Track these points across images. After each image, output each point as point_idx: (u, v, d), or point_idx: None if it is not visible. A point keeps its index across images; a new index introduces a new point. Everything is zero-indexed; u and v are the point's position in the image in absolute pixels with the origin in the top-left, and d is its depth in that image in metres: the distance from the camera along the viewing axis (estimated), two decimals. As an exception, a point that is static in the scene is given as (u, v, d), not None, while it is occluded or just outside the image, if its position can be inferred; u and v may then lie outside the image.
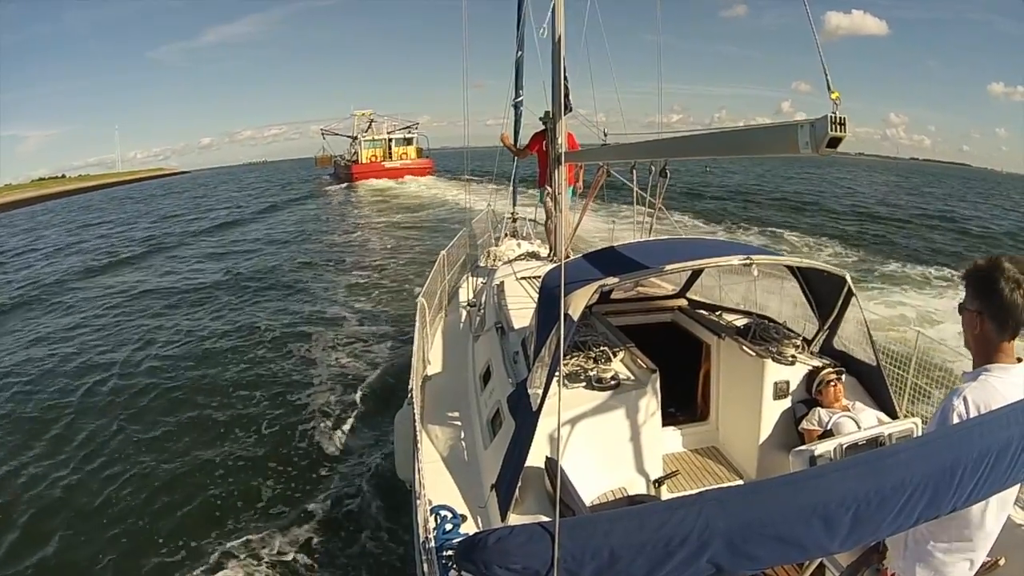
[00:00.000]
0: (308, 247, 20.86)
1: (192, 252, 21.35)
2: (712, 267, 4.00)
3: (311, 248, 20.59)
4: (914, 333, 4.34)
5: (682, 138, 3.37)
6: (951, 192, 49.95)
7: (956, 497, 1.38)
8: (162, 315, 12.83)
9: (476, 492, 3.08)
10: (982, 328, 1.69)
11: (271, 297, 13.86)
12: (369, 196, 36.46)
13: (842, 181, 52.12)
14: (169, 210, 39.49)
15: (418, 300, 5.16)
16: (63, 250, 24.07)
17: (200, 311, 12.97)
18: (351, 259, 17.97)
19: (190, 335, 11.16)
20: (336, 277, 15.48)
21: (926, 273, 14.74)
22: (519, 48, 7.30)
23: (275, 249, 20.77)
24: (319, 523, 5.34)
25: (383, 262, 17.22)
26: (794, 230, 21.32)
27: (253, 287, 14.97)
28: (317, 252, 19.63)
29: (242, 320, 11.96)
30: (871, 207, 31.85)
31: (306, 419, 7.34)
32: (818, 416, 3.45)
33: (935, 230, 24.35)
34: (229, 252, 20.73)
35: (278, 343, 10.33)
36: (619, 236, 8.78)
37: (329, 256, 18.71)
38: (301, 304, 12.93)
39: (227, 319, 12.17)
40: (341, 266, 17.05)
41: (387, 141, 45.80)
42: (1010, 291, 1.61)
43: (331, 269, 16.67)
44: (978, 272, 1.70)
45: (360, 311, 12.03)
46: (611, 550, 1.32)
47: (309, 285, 14.73)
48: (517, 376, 3.44)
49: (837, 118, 1.81)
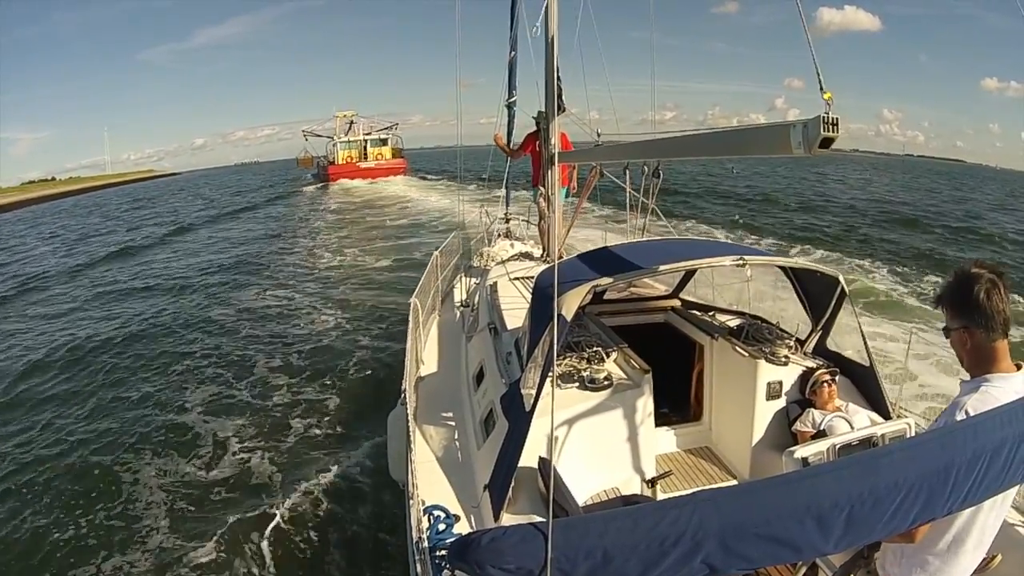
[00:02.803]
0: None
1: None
2: (705, 267, 4.01)
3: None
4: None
5: (675, 138, 3.37)
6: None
7: (952, 499, 1.37)
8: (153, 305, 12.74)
9: (469, 492, 3.07)
10: (972, 341, 1.67)
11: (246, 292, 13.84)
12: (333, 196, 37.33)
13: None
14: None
15: (411, 300, 5.14)
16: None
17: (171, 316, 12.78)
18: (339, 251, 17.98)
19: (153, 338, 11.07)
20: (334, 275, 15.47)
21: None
22: (512, 48, 7.31)
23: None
24: (310, 523, 5.30)
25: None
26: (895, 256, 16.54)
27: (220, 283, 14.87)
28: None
29: (219, 319, 11.92)
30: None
31: (298, 419, 7.30)
32: (811, 417, 3.46)
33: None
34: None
35: (262, 343, 10.29)
36: (612, 238, 8.80)
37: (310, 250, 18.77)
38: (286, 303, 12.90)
39: (203, 318, 12.12)
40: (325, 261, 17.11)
41: (363, 142, 47.28)
42: (986, 294, 1.61)
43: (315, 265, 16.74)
44: (951, 289, 1.71)
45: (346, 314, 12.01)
46: (604, 550, 1.31)
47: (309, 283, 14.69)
48: (510, 376, 3.43)
49: (830, 118, 1.81)
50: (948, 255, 17.17)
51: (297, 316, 11.99)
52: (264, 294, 14.10)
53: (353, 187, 40.45)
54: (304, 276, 15.99)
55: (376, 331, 10.47)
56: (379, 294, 13.20)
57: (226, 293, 14.57)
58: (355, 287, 14.18)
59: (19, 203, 63.29)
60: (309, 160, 50.80)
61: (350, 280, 15.03)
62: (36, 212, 51.36)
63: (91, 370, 9.61)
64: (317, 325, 11.21)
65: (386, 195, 35.01)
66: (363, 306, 12.31)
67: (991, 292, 1.61)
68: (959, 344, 1.72)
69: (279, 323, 11.55)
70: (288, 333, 10.86)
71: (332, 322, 11.31)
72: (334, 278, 15.47)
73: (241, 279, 16.12)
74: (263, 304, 13.12)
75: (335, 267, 16.83)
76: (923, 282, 13.41)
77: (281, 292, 14.20)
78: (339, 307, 12.38)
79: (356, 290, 13.86)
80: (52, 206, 56.89)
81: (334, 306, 12.51)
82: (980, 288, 1.62)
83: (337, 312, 11.98)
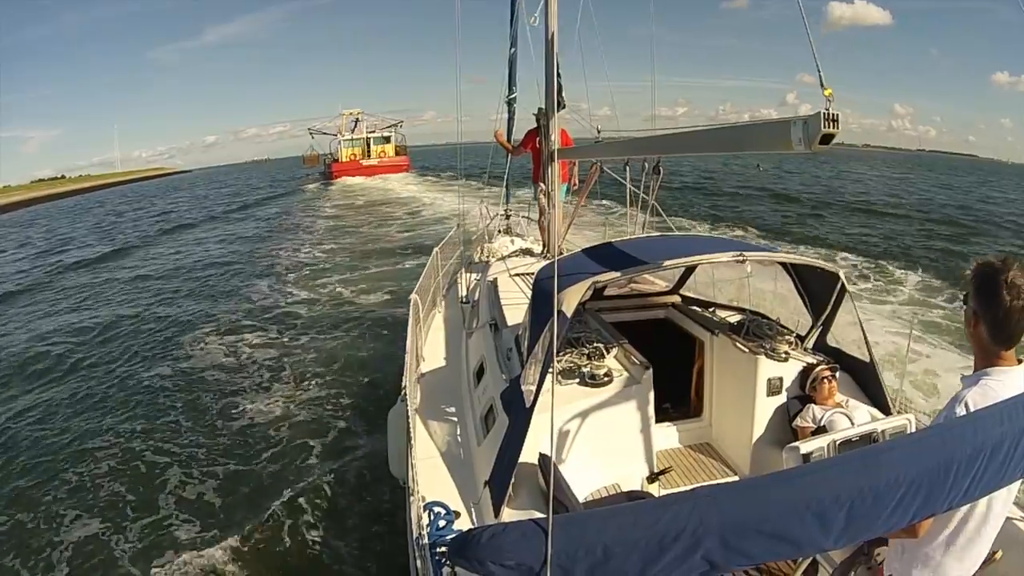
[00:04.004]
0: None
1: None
2: (706, 263, 4.01)
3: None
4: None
5: (676, 135, 3.36)
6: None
7: (952, 495, 1.37)
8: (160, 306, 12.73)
9: (470, 489, 3.07)
10: (976, 329, 1.66)
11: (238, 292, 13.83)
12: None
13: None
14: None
15: (411, 297, 5.14)
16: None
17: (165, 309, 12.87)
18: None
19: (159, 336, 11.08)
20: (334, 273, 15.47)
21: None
22: (512, 44, 7.28)
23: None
24: (310, 519, 5.31)
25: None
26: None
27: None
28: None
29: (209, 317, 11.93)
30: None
31: (298, 415, 7.31)
32: (812, 413, 3.46)
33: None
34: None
35: (260, 339, 10.30)
36: (613, 234, 8.78)
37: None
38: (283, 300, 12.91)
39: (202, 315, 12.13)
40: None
41: (366, 140, 47.96)
42: (1010, 300, 1.55)
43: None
44: (984, 271, 1.63)
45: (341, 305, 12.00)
46: (604, 546, 1.31)
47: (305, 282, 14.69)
48: (511, 373, 3.43)
49: (830, 115, 1.80)
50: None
51: (293, 312, 12.00)
52: (261, 291, 14.11)
53: (356, 184, 41.03)
54: (296, 268, 16.10)
55: (375, 327, 10.47)
56: (380, 293, 13.22)
57: (222, 286, 14.62)
58: (354, 281, 14.19)
59: (19, 203, 63.15)
60: (315, 158, 51.28)
61: (348, 273, 15.06)
62: (37, 212, 51.15)
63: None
64: (316, 323, 11.20)
65: (384, 188, 35.44)
66: (363, 305, 12.32)
67: (1016, 299, 1.54)
68: (966, 322, 1.70)
69: (279, 322, 11.55)
70: (284, 329, 10.87)
71: (331, 320, 11.31)
72: (329, 269, 15.52)
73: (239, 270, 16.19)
74: (260, 298, 13.16)
75: (335, 263, 16.84)
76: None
77: (276, 286, 14.24)
78: (337, 301, 12.40)
79: (356, 284, 13.88)
80: (52, 206, 56.49)
81: (334, 303, 12.53)
82: (1010, 289, 1.55)
83: (336, 309, 12.00)
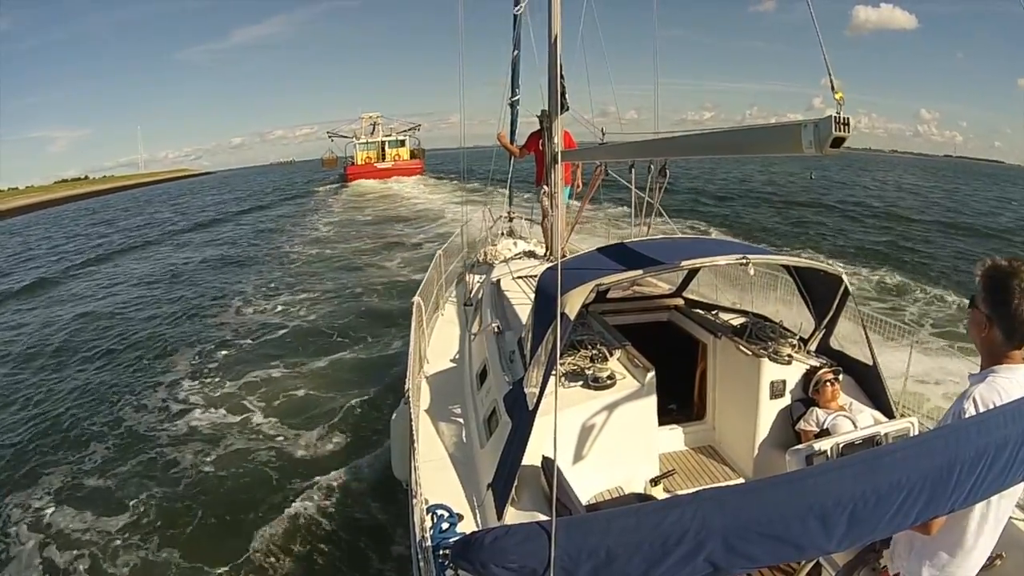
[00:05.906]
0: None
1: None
2: (709, 266, 4.00)
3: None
4: None
5: (681, 137, 3.35)
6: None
7: (954, 496, 1.37)
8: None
9: (473, 491, 3.07)
10: (989, 333, 1.66)
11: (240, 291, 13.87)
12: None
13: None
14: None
15: (414, 299, 5.14)
16: None
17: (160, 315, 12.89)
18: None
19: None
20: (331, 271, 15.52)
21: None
22: (515, 47, 7.29)
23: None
24: (314, 522, 5.32)
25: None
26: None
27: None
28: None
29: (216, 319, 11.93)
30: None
31: (301, 418, 7.32)
32: (815, 416, 3.45)
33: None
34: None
35: (266, 343, 10.32)
36: (616, 237, 8.78)
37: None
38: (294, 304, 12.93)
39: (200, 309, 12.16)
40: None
41: (381, 143, 48.66)
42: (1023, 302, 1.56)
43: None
44: (996, 273, 1.63)
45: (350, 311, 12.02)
46: (608, 549, 1.31)
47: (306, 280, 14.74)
48: (514, 375, 3.44)
49: (841, 118, 1.80)
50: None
51: (294, 311, 12.04)
52: (261, 288, 14.20)
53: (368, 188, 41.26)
54: (297, 266, 16.19)
55: (378, 330, 10.49)
56: (381, 295, 13.25)
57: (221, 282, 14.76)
58: (354, 282, 14.24)
59: (33, 205, 63.10)
60: (333, 160, 52.05)
61: (350, 271, 15.10)
62: (49, 215, 51.23)
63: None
64: (316, 322, 11.23)
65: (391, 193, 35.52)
66: (364, 303, 12.34)
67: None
68: (975, 326, 1.70)
69: (277, 320, 11.59)
70: (289, 330, 10.90)
71: (333, 320, 11.33)
72: (330, 270, 15.55)
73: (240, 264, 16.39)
74: (260, 297, 13.21)
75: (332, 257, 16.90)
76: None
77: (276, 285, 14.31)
78: (340, 302, 12.42)
79: (356, 285, 13.92)
80: (60, 210, 56.52)
81: (334, 301, 12.55)
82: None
83: (338, 309, 12.02)
